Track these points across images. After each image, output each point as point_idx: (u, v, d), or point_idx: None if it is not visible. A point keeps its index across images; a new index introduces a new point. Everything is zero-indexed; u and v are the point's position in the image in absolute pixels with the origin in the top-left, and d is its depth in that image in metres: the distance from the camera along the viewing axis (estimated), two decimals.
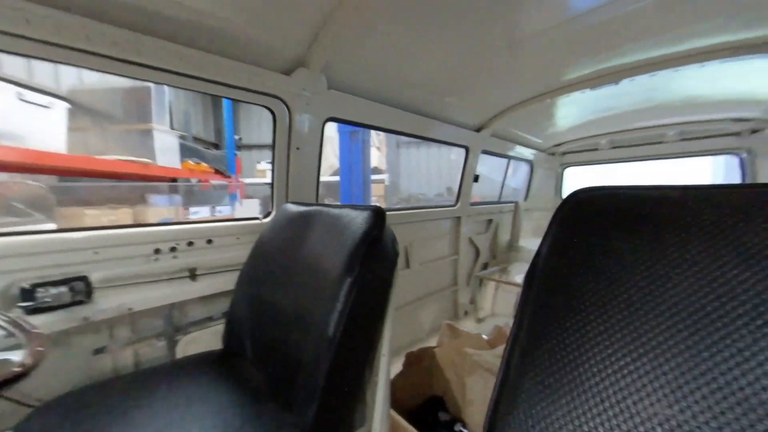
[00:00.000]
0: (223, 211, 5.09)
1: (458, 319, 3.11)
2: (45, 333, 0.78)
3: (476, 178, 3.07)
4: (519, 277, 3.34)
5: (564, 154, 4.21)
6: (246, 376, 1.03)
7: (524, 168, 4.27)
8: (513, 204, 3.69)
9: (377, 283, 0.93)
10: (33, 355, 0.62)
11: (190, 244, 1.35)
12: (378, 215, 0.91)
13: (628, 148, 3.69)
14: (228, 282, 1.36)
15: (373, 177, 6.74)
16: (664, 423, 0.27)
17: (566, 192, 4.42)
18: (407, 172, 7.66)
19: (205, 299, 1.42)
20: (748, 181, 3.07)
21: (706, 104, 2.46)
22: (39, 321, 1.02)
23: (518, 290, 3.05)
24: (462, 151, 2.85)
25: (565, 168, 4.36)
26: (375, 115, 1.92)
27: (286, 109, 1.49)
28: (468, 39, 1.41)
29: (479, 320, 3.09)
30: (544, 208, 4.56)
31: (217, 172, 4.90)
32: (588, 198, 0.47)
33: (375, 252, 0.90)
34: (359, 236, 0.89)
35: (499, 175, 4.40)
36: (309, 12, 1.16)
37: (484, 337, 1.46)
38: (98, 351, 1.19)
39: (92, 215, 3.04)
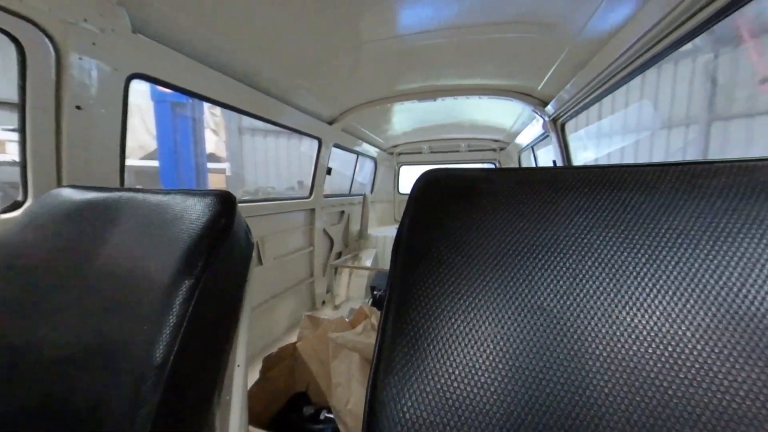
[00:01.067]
0: None
1: (316, 309, 3.15)
2: None
3: (329, 171, 3.17)
4: (368, 262, 3.75)
5: (399, 154, 5.03)
6: None
7: (370, 164, 4.79)
8: (362, 196, 4.07)
9: (227, 284, 0.79)
10: None
11: None
12: (226, 201, 0.76)
13: (440, 153, 4.87)
14: None
15: (210, 166, 5.65)
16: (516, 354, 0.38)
17: (402, 187, 5.34)
18: (253, 162, 6.90)
19: None
20: None
21: (481, 127, 3.57)
22: None
23: (369, 273, 3.40)
24: (314, 143, 2.86)
25: (401, 166, 5.24)
26: (210, 84, 1.57)
27: (49, 43, 0.99)
28: (322, 29, 1.40)
29: (336, 307, 3.24)
30: (386, 200, 5.32)
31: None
32: (434, 177, 0.58)
33: (223, 246, 0.75)
34: (201, 227, 0.72)
35: (349, 170, 4.75)
36: None
37: (346, 319, 1.55)
38: None
39: None
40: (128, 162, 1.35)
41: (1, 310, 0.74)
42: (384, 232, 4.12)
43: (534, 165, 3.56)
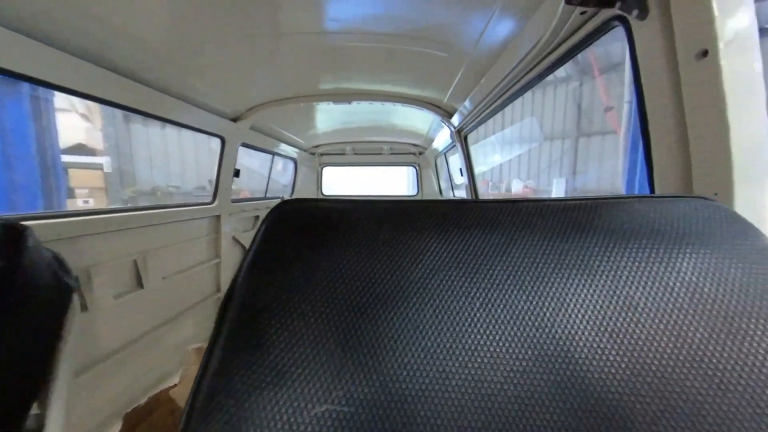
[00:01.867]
0: None
1: None
2: None
3: (237, 173, 2.84)
4: None
5: (322, 155, 4.87)
6: None
7: (291, 165, 4.50)
8: (279, 199, 3.78)
9: (19, 347, 0.58)
10: None
11: None
12: (7, 234, 0.55)
13: (363, 155, 4.89)
14: None
15: (81, 160, 4.51)
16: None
17: (326, 188, 5.19)
18: (148, 156, 5.79)
19: None
20: (420, 183, 5.06)
21: (401, 131, 3.70)
22: None
23: None
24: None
25: (324, 167, 5.08)
26: (69, 73, 1.25)
27: None
28: (220, 18, 1.20)
29: None
30: None
31: None
32: (285, 211, 0.51)
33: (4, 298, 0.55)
34: None
35: (268, 171, 4.38)
36: None
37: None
38: None
39: None
40: None
41: None
42: None
43: (447, 170, 3.87)
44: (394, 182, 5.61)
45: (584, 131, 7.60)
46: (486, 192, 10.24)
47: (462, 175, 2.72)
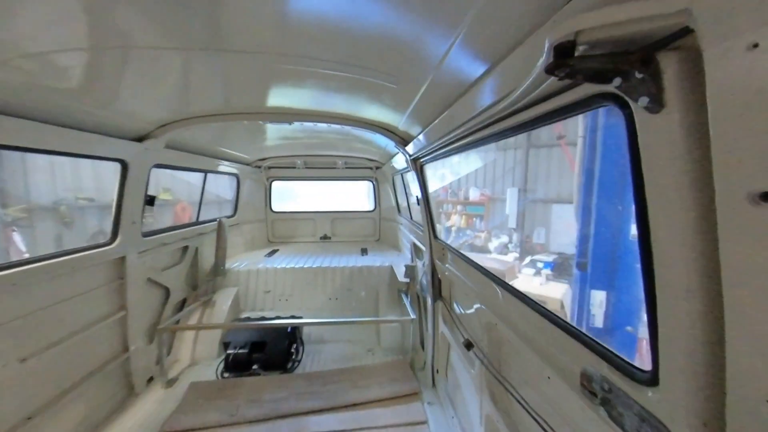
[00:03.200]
0: None
1: (136, 396, 2.25)
2: None
3: (151, 201, 2.30)
4: (225, 307, 3.01)
5: (270, 168, 4.37)
6: None
7: (231, 181, 3.94)
8: (216, 222, 3.25)
9: None
10: None
11: None
12: None
13: (316, 169, 4.50)
14: None
15: None
16: None
17: (275, 204, 4.69)
18: (45, 162, 4.71)
19: None
20: (378, 198, 4.79)
21: (356, 146, 3.38)
22: None
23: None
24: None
25: (273, 181, 4.57)
26: None
27: None
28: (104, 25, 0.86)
29: (169, 383, 2.41)
30: (257, 219, 4.55)
31: None
32: None
33: None
34: None
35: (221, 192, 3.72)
36: None
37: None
38: None
39: None
40: None
41: None
42: (248, 264, 3.42)
43: (404, 188, 3.65)
44: (352, 196, 5.29)
45: (534, 143, 8.00)
46: (445, 198, 10.38)
47: (418, 204, 2.50)
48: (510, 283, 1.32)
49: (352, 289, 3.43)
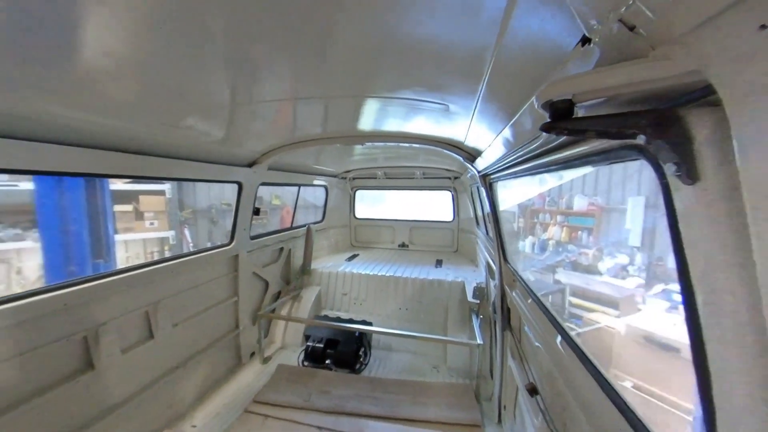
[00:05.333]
0: None
1: (242, 365, 2.84)
2: None
3: (257, 211, 2.88)
4: (309, 303, 3.46)
5: (354, 179, 4.79)
6: None
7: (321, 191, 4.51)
8: (306, 228, 3.78)
9: None
10: None
11: None
12: None
13: (395, 179, 4.68)
14: None
15: (147, 187, 5.18)
16: None
17: (358, 212, 5.10)
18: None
19: None
20: (456, 209, 4.64)
21: (434, 157, 3.37)
22: None
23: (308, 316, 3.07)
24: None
25: (356, 191, 5.00)
26: (49, 158, 1.36)
27: None
28: (217, 82, 1.18)
29: (266, 360, 2.95)
30: (342, 225, 5.06)
31: None
32: None
33: None
34: None
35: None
36: None
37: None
38: None
39: None
40: None
41: None
42: (330, 266, 3.85)
43: (480, 200, 3.42)
44: (436, 205, 5.26)
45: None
46: (542, 207, 9.11)
47: (488, 222, 2.33)
48: (580, 329, 1.11)
49: (422, 302, 3.43)
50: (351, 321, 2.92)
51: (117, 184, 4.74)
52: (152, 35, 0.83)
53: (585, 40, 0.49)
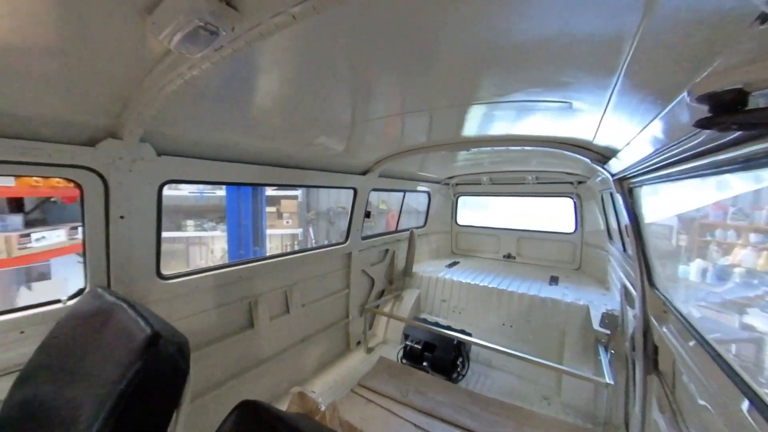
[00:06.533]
0: None
1: (350, 351, 3.20)
2: None
3: (368, 215, 3.20)
4: (409, 304, 3.61)
5: (457, 185, 4.71)
6: None
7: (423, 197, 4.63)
8: (409, 232, 3.96)
9: (146, 419, 0.87)
10: None
11: None
12: (153, 344, 0.86)
13: (502, 185, 4.35)
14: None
15: (285, 193, 6.48)
16: None
17: (460, 218, 4.99)
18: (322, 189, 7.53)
19: None
20: (580, 219, 3.94)
21: (551, 161, 3.01)
22: None
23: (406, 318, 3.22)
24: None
25: (459, 197, 4.90)
26: (228, 173, 1.87)
27: (98, 178, 1.31)
28: (340, 103, 1.44)
29: (370, 350, 3.23)
30: (443, 231, 5.05)
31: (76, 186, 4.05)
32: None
33: (144, 387, 0.85)
34: (126, 377, 0.82)
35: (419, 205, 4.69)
36: (106, 86, 1.03)
37: (322, 408, 1.52)
38: None
39: None
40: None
41: (45, 376, 1.00)
42: (431, 271, 3.89)
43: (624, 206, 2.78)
44: (547, 214, 4.66)
45: None
46: (721, 221, 6.65)
47: (626, 235, 1.89)
48: None
49: (532, 322, 3.07)
50: (449, 328, 2.89)
51: (268, 191, 6.19)
52: (297, 80, 1.11)
53: (765, 18, 0.38)
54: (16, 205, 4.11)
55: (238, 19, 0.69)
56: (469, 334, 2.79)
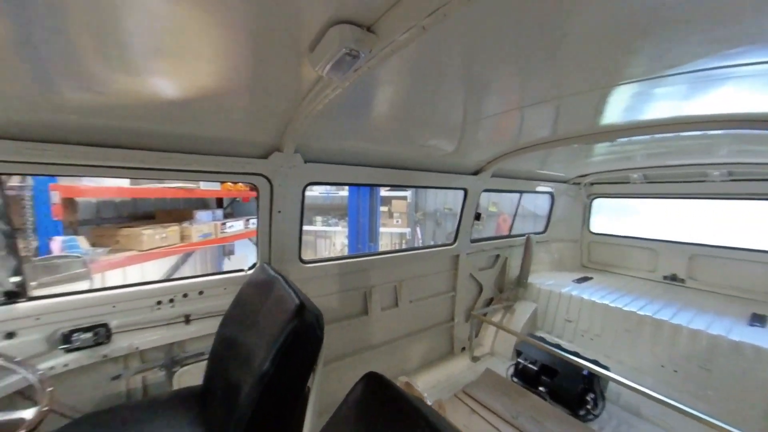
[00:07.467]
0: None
1: (453, 355, 3.13)
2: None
3: (478, 216, 3.05)
4: (523, 318, 3.23)
5: (592, 184, 3.89)
6: (210, 417, 1.28)
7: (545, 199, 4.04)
8: (525, 237, 3.55)
9: (295, 369, 1.11)
10: (40, 414, 0.92)
11: (185, 295, 1.67)
12: (301, 312, 1.10)
13: (666, 183, 3.30)
14: (216, 325, 1.64)
15: (396, 194, 6.88)
16: None
17: (594, 225, 4.10)
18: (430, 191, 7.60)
19: (200, 338, 1.74)
20: None
21: (754, 148, 2.12)
22: (72, 357, 1.41)
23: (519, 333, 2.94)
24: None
25: (594, 199, 4.02)
26: (354, 175, 2.13)
27: (267, 182, 1.75)
28: (454, 104, 1.46)
29: (475, 359, 3.07)
30: (569, 239, 4.25)
31: (253, 188, 5.53)
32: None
33: (294, 343, 1.09)
34: (284, 332, 1.08)
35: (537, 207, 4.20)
36: (276, 114, 1.37)
37: (429, 402, 1.52)
38: (115, 378, 1.56)
39: (147, 234, 3.71)
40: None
41: (235, 322, 1.43)
42: (552, 284, 3.36)
43: None
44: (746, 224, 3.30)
45: None
46: None
47: None
48: None
49: (713, 371, 2.24)
50: (577, 354, 2.42)
51: (382, 191, 6.78)
52: (413, 85, 1.16)
53: None
54: (218, 203, 5.97)
55: (375, 41, 0.79)
56: (606, 368, 2.27)
